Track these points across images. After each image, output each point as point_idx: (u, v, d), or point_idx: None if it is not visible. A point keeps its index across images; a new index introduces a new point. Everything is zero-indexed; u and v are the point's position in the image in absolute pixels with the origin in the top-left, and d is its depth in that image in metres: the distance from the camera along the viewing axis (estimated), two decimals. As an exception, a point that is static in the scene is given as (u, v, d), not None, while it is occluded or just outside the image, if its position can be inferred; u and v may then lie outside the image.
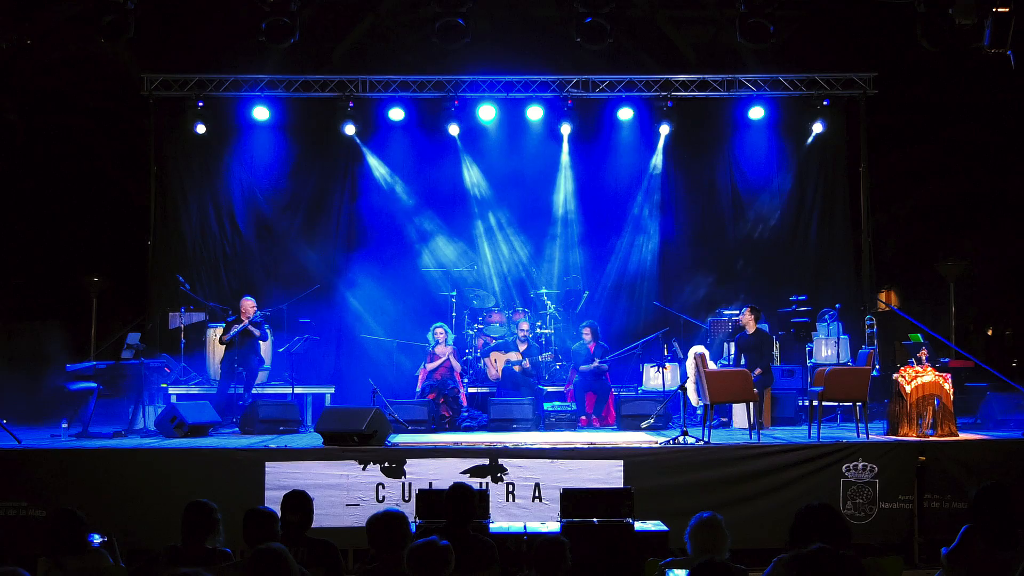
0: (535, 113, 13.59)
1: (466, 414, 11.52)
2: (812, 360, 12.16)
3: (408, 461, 8.73)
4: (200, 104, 13.09)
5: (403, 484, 8.69)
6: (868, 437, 9.31)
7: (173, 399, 11.46)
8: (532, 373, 12.12)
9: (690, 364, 10.24)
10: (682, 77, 13.46)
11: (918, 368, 9.82)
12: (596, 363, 11.82)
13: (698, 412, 10.26)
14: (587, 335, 12.06)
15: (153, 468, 8.71)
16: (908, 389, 9.65)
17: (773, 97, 13.49)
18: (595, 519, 7.06)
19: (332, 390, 12.15)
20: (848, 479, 8.71)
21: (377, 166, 13.89)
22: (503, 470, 8.71)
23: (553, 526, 7.28)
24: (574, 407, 11.29)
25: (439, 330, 12.05)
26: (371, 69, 13.54)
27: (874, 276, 13.49)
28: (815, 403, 9.77)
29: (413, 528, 6.56)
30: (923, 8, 10.02)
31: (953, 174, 14.20)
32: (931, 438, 9.36)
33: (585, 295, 13.43)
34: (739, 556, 6.20)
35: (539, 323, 12.85)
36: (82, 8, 11.03)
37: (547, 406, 11.18)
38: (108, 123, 14.05)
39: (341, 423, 9.17)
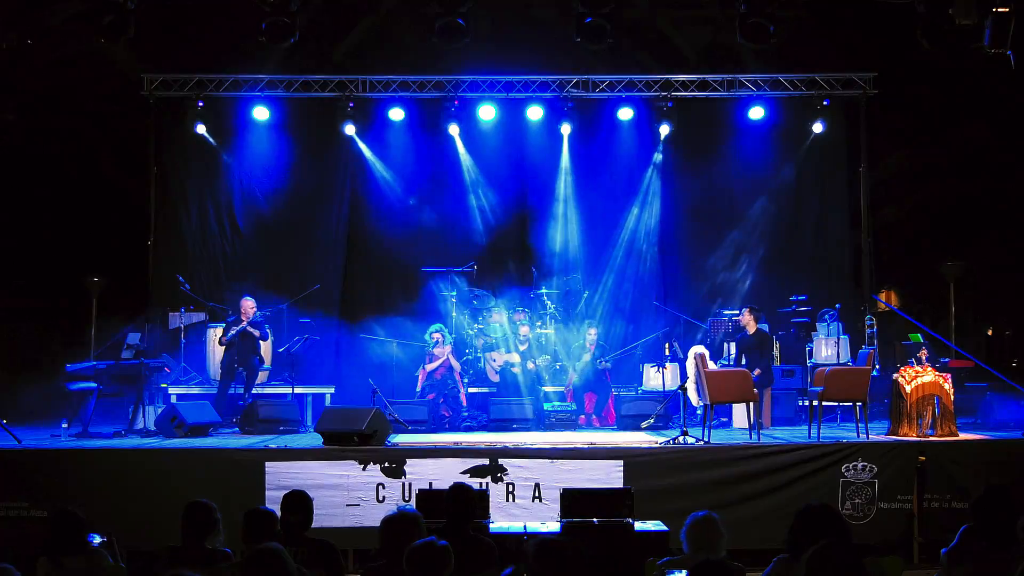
0: (535, 113, 13.59)
1: (466, 414, 11.53)
2: (812, 360, 12.16)
3: (408, 461, 8.74)
4: (200, 104, 13.10)
5: (403, 484, 8.69)
6: (868, 437, 9.32)
7: (173, 399, 11.48)
8: (531, 373, 12.11)
9: (690, 364, 10.25)
10: (682, 77, 13.46)
11: (918, 368, 9.82)
12: (587, 357, 11.84)
13: (698, 412, 10.27)
14: (592, 335, 12.09)
15: (153, 468, 8.73)
16: (908, 389, 9.65)
17: (773, 97, 13.49)
18: (595, 519, 7.06)
19: (332, 390, 12.15)
20: (847, 479, 8.70)
21: (377, 166, 13.89)
22: (503, 470, 8.71)
23: (553, 526, 7.27)
24: (574, 407, 11.30)
25: (436, 334, 12.05)
26: (371, 69, 13.54)
27: (874, 276, 13.48)
28: (815, 403, 9.78)
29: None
30: (923, 8, 10.01)
31: (953, 174, 14.17)
32: (931, 438, 9.36)
33: (585, 295, 13.42)
34: (739, 556, 6.20)
35: (539, 323, 12.84)
36: (82, 8, 11.01)
37: (547, 406, 11.18)
38: (108, 123, 14.01)
39: (341, 423, 9.18)
